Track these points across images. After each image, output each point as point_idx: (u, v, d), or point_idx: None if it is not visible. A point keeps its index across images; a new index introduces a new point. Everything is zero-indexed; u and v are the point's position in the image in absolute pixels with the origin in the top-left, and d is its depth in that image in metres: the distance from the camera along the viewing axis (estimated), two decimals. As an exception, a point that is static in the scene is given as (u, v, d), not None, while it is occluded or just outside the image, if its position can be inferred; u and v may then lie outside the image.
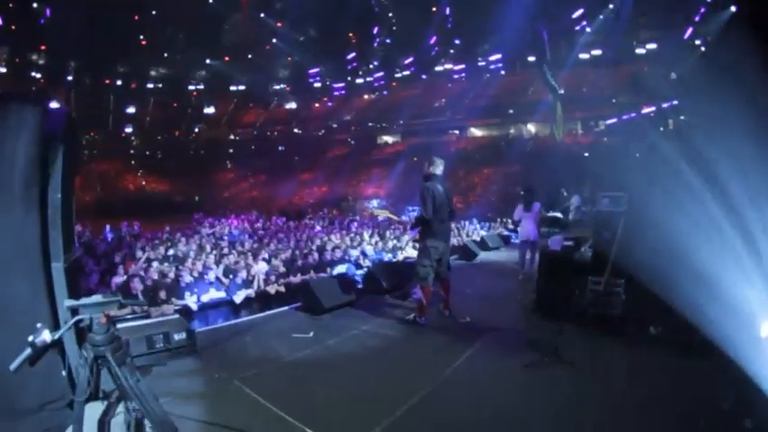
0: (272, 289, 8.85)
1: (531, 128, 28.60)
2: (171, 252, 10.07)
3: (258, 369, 4.86)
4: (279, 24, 27.12)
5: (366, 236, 12.94)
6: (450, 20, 23.09)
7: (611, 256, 5.53)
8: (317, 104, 35.00)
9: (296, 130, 37.24)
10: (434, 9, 22.85)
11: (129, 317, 5.85)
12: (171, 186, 34.59)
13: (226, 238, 12.68)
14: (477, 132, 30.88)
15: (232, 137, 38.59)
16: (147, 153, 37.86)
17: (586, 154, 22.47)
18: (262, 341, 5.73)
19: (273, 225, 16.18)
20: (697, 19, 13.82)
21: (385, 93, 30.29)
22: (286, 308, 7.41)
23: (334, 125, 35.13)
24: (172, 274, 8.35)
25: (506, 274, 10.04)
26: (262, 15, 26.94)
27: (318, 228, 15.75)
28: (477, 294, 8.08)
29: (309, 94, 34.20)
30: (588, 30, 18.91)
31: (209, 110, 37.79)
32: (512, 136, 29.04)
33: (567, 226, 13.12)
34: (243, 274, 8.74)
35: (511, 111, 27.59)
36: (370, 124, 34.18)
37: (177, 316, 5.86)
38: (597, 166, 17.57)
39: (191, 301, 7.79)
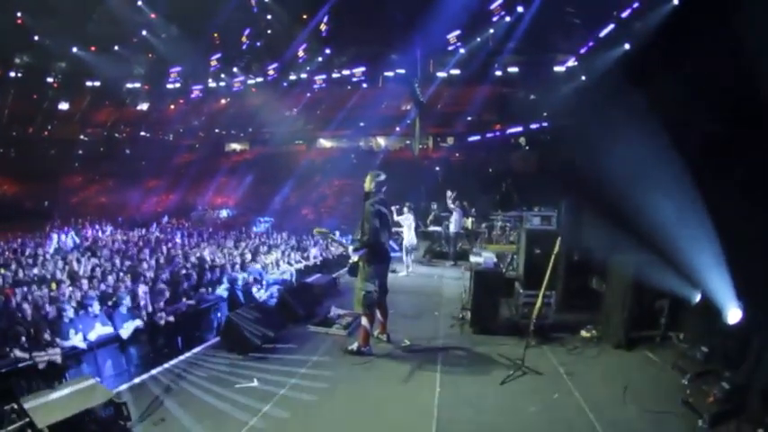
0: (160, 319, 7.93)
1: (381, 141, 30.00)
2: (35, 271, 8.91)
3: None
4: (153, 16, 24.48)
5: (247, 252, 12.55)
6: (327, 30, 23.30)
7: (548, 270, 6.19)
8: (172, 106, 32.62)
9: (143, 133, 34.48)
10: (305, 16, 22.79)
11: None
12: (21, 189, 31.07)
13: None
14: (326, 143, 31.44)
15: (82, 137, 34.53)
16: (1, 151, 33.21)
17: (437, 168, 24.27)
18: (204, 401, 5.05)
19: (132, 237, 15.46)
20: (582, 51, 16.18)
21: (240, 98, 29.38)
22: (201, 348, 6.80)
23: (181, 129, 33.11)
24: (49, 307, 7.18)
25: (412, 288, 10.47)
26: (139, 3, 24.07)
27: (178, 240, 14.98)
28: (397, 313, 8.00)
29: (166, 95, 31.69)
30: (462, 51, 20.62)
31: (64, 106, 32.99)
32: (362, 148, 30.15)
33: (448, 240, 14.18)
34: (127, 302, 7.74)
35: (362, 123, 28.61)
36: (217, 130, 32.85)
37: (93, 380, 4.87)
38: (450, 180, 19.16)
39: (77, 340, 6.74)
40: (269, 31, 25.34)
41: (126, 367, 7.18)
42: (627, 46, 13.28)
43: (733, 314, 5.35)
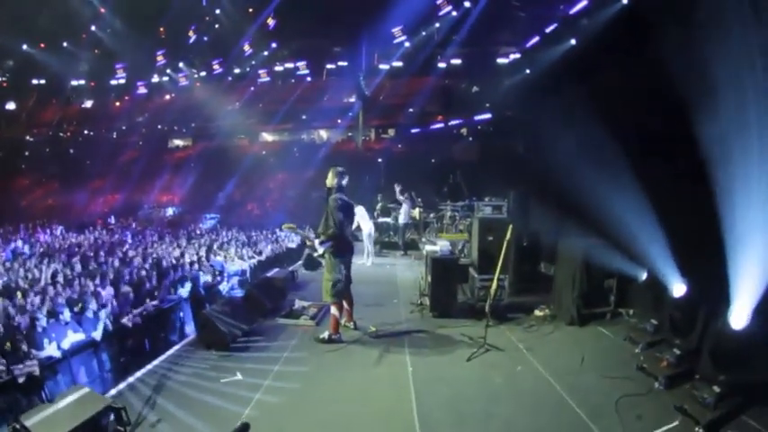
0: (128, 321, 7.77)
1: (324, 134, 30.00)
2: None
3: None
4: (102, 10, 23.11)
5: (202, 250, 12.43)
6: (274, 24, 22.97)
7: (501, 256, 6.65)
8: (117, 103, 31.19)
9: (86, 132, 32.77)
10: (251, 10, 22.41)
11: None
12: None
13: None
14: (268, 137, 31.11)
15: (28, 138, 32.33)
16: None
17: (380, 160, 24.62)
18: (195, 398, 5.12)
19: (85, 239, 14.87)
20: (528, 46, 16.77)
21: (184, 93, 28.52)
22: (179, 346, 6.86)
23: (123, 127, 31.80)
24: (19, 318, 6.85)
25: (368, 278, 10.76)
26: None
27: (130, 240, 14.72)
28: (358, 302, 7.96)
29: (110, 92, 30.20)
30: (407, 44, 20.89)
31: (11, 105, 30.64)
32: (304, 141, 30.05)
33: (397, 230, 14.59)
34: (93, 306, 7.53)
35: (304, 116, 28.51)
36: (159, 126, 31.79)
37: (87, 390, 4.72)
38: (393, 172, 19.58)
39: (52, 349, 6.52)
40: (216, 26, 24.80)
41: (99, 373, 7.04)
42: (573, 42, 13.93)
43: (678, 288, 6.04)
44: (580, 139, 8.54)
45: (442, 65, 21.10)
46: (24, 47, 25.55)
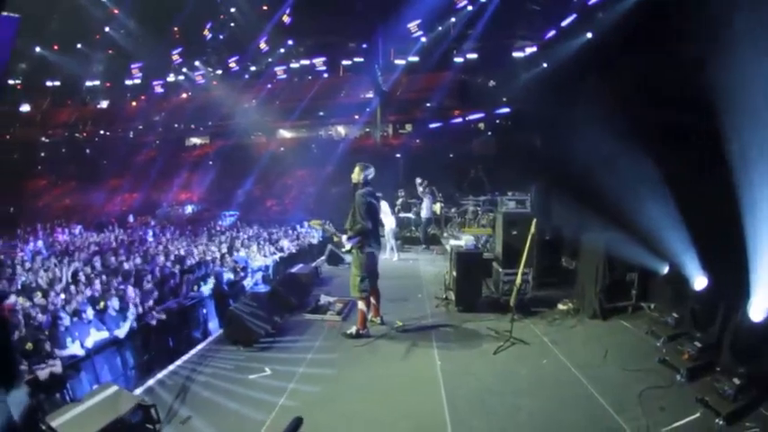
0: (152, 319, 7.99)
1: (341, 130, 30.22)
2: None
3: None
4: (115, 11, 23.57)
5: (224, 247, 12.73)
6: (290, 21, 23.26)
7: (526, 250, 6.81)
8: (134, 103, 31.73)
9: (102, 132, 33.37)
10: (265, 7, 22.70)
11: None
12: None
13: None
14: (286, 134, 31.41)
15: (44, 139, 33.01)
16: None
17: (398, 155, 24.77)
18: (226, 392, 5.28)
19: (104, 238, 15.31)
20: (545, 39, 16.83)
21: (201, 91, 28.93)
22: (205, 343, 7.04)
23: (140, 126, 32.33)
24: (41, 317, 7.05)
25: (392, 273, 10.84)
26: None
27: (150, 239, 15.19)
28: (383, 297, 8.00)
29: (127, 92, 30.72)
30: (423, 39, 21.07)
31: (25, 107, 31.33)
32: (322, 138, 30.29)
33: (418, 224, 14.79)
34: (115, 303, 7.67)
35: (321, 113, 28.75)
36: (176, 125, 32.25)
37: (116, 388, 4.81)
38: (411, 168, 19.72)
39: (75, 348, 6.69)
40: (232, 24, 25.10)
41: (123, 371, 7.20)
42: (589, 35, 13.95)
43: (699, 282, 6.16)
44: (600, 131, 8.61)
45: (458, 59, 21.19)
46: (37, 49, 26.06)
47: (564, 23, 15.50)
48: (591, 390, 5.01)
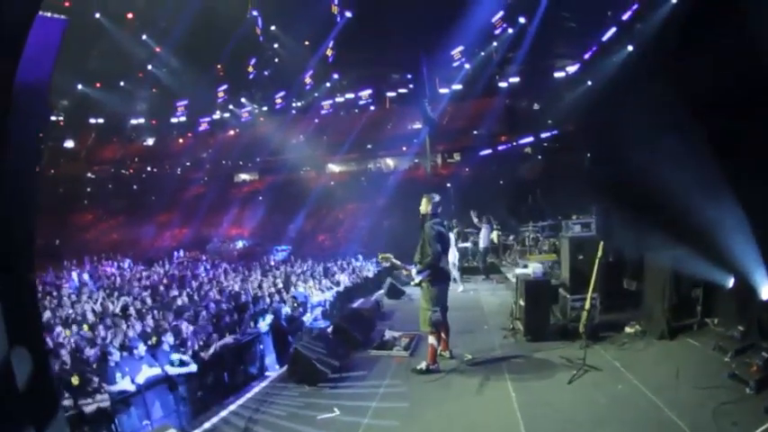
0: (206, 355, 7.68)
1: (390, 162, 30.81)
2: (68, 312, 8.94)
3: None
4: (158, 49, 25.03)
5: (279, 282, 12.85)
6: (333, 55, 24.28)
7: (594, 274, 6.93)
8: (180, 140, 33.25)
9: (149, 168, 35.03)
10: (307, 42, 23.74)
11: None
12: (30, 228, 30.31)
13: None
14: (335, 168, 32.24)
15: (90, 174, 34.89)
16: None
17: (449, 185, 25.01)
18: None
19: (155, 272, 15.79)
20: (586, 57, 17.06)
21: (248, 128, 30.16)
22: (267, 381, 7.31)
23: (188, 163, 33.77)
24: (89, 350, 6.98)
25: (454, 304, 10.84)
26: (144, 37, 24.53)
27: (203, 273, 15.62)
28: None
29: (172, 129, 32.31)
30: (467, 66, 21.59)
31: (70, 143, 33.39)
32: (371, 171, 30.96)
33: (476, 254, 14.96)
34: (170, 339, 7.50)
35: (369, 146, 29.46)
36: (224, 162, 33.52)
37: (173, 429, 4.95)
38: (463, 197, 19.87)
39: (125, 383, 6.38)
40: (276, 60, 26.10)
41: (175, 407, 6.93)
42: (630, 48, 14.03)
43: (766, 291, 6.12)
44: (655, 143, 8.56)
45: (502, 84, 21.48)
46: (79, 86, 27.47)
47: (604, 38, 15.60)
48: (668, 413, 5.04)
